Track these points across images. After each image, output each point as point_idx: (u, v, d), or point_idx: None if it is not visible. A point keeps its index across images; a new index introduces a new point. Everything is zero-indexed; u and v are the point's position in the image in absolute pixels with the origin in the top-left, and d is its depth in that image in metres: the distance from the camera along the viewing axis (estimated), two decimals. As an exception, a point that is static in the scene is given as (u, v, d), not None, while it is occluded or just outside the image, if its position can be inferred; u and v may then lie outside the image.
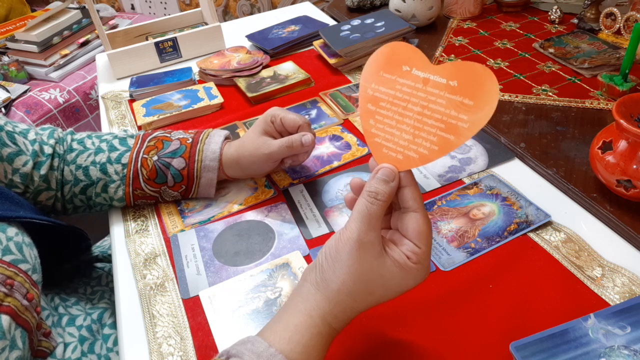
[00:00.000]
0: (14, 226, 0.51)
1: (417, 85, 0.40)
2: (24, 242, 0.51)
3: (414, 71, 0.40)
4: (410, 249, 0.38)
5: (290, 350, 0.37)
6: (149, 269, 0.58)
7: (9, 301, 0.45)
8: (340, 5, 1.27)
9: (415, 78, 0.40)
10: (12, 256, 0.48)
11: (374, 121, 0.41)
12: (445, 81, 0.39)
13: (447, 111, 0.38)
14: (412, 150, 0.39)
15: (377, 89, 0.41)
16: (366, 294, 0.39)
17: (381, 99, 0.41)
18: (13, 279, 0.46)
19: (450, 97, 0.38)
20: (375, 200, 0.38)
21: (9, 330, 0.43)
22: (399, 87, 0.41)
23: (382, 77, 0.42)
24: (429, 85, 0.39)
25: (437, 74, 0.39)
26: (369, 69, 0.42)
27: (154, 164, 0.63)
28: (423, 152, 0.39)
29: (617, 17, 0.90)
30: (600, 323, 0.44)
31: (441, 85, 0.39)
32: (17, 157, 0.59)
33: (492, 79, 0.37)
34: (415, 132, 0.39)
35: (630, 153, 0.54)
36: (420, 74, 0.40)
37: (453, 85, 0.38)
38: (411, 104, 0.40)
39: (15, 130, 0.61)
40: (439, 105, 0.39)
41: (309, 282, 0.40)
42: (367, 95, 0.42)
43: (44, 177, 0.62)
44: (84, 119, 1.73)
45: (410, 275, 0.39)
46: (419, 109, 0.40)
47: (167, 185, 0.64)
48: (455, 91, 0.38)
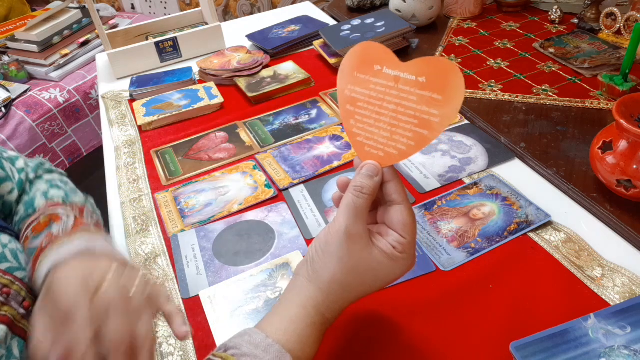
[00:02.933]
0: (7, 234, 0.50)
1: (389, 84, 0.41)
2: (18, 249, 0.49)
3: (385, 70, 0.41)
4: (396, 239, 0.40)
5: (287, 341, 0.38)
6: (149, 269, 0.58)
7: (5, 310, 0.44)
8: (341, 5, 1.27)
9: (387, 77, 0.41)
10: (7, 264, 0.47)
11: (355, 121, 0.42)
12: (414, 78, 0.40)
13: (418, 107, 0.40)
14: (391, 147, 0.41)
15: (354, 90, 0.43)
16: (357, 284, 0.41)
17: (358, 99, 0.42)
18: (9, 287, 0.45)
19: (420, 93, 0.40)
20: (361, 194, 0.40)
21: (5, 340, 0.43)
22: (373, 87, 0.42)
23: (357, 77, 0.43)
24: (400, 83, 0.41)
25: (406, 72, 0.40)
26: (344, 70, 0.43)
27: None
28: (401, 148, 0.40)
29: (618, 17, 0.90)
30: (600, 323, 0.44)
31: (411, 82, 0.40)
32: (4, 183, 0.55)
33: (457, 72, 0.38)
34: (392, 129, 0.41)
35: (630, 153, 0.54)
36: (391, 72, 0.41)
37: (422, 82, 0.39)
38: (386, 102, 0.41)
39: (3, 155, 0.57)
40: (411, 102, 0.40)
41: (302, 276, 0.42)
42: (345, 96, 0.43)
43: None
44: (84, 119, 1.73)
45: (397, 265, 0.40)
46: (393, 106, 0.41)
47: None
48: (425, 87, 0.39)
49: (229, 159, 0.75)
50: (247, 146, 0.78)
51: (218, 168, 0.74)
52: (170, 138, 0.82)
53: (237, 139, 0.80)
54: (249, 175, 0.71)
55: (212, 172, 0.73)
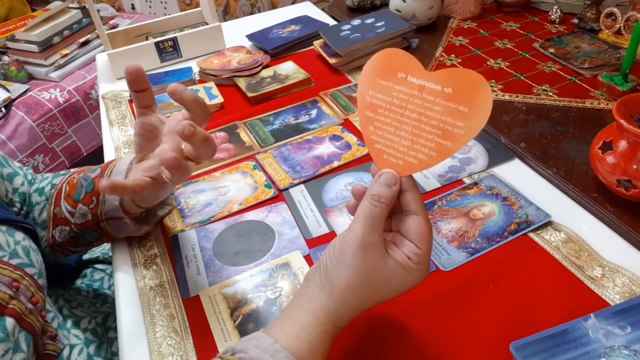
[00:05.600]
0: (21, 231, 0.51)
1: (413, 92, 0.40)
2: (31, 247, 0.51)
3: (409, 78, 0.41)
4: (411, 249, 0.39)
5: (297, 348, 0.38)
6: (149, 269, 0.58)
7: (13, 304, 0.45)
8: (341, 5, 1.27)
9: (411, 85, 0.41)
10: (18, 260, 0.48)
11: (374, 128, 0.42)
12: (440, 88, 0.39)
13: (443, 118, 0.39)
14: (412, 156, 0.40)
15: (375, 96, 0.42)
16: (370, 294, 0.40)
17: (379, 106, 0.42)
18: (19, 282, 0.46)
19: (446, 104, 0.39)
20: (378, 203, 0.39)
21: (12, 333, 0.43)
22: (395, 94, 0.41)
23: (379, 83, 0.42)
24: (424, 92, 0.40)
25: (432, 81, 0.40)
26: (366, 75, 0.43)
27: (77, 181, 0.58)
28: (422, 158, 0.40)
29: (618, 17, 0.90)
30: (601, 323, 0.44)
31: (436, 92, 0.39)
32: (16, 177, 0.60)
33: (485, 86, 0.38)
34: (414, 138, 0.40)
35: (630, 153, 0.54)
36: (416, 80, 0.40)
37: (448, 92, 0.39)
38: (408, 111, 0.40)
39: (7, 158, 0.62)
40: (435, 112, 0.39)
41: (314, 283, 0.41)
42: (365, 102, 0.42)
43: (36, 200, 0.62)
44: (84, 119, 1.73)
45: (411, 275, 0.40)
46: (416, 115, 0.40)
47: (81, 201, 0.56)
48: (450, 98, 0.39)
49: (229, 159, 0.75)
50: (247, 146, 0.78)
51: (218, 168, 0.74)
52: (170, 138, 0.82)
53: (237, 139, 0.80)
54: (249, 175, 0.71)
55: (212, 172, 0.73)
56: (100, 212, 0.56)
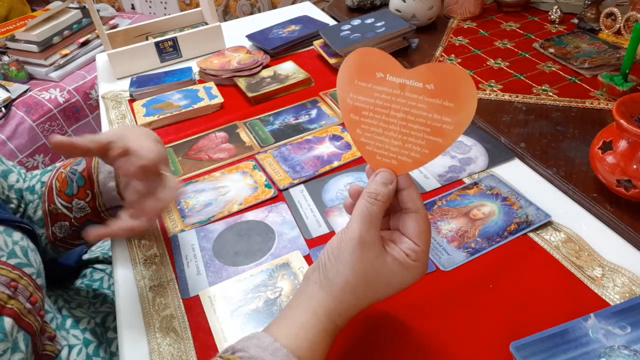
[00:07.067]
0: (19, 231, 0.51)
1: (394, 92, 0.40)
2: (29, 247, 0.51)
3: (388, 77, 0.40)
4: (409, 247, 0.40)
5: (297, 347, 0.38)
6: (148, 269, 0.58)
7: (12, 304, 0.45)
8: (341, 5, 1.27)
9: (392, 84, 0.40)
10: (17, 259, 0.48)
11: (361, 130, 0.41)
12: (422, 85, 0.39)
13: (429, 115, 0.39)
14: (404, 155, 0.40)
15: (356, 99, 0.41)
16: (369, 291, 0.40)
17: (363, 108, 0.41)
18: (17, 282, 0.46)
19: (430, 100, 0.39)
20: (375, 201, 0.39)
21: (11, 333, 0.44)
22: (377, 95, 0.40)
23: (358, 85, 0.41)
24: (406, 91, 0.39)
25: (412, 79, 0.39)
26: (343, 78, 0.42)
27: (66, 175, 0.60)
28: (415, 156, 0.40)
29: (618, 17, 0.90)
30: (601, 323, 0.44)
31: (419, 90, 0.39)
32: (10, 174, 0.61)
33: (467, 79, 0.37)
34: (404, 137, 0.40)
35: (630, 153, 0.54)
36: (396, 79, 0.40)
37: (430, 89, 0.38)
38: (393, 111, 0.40)
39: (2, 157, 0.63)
40: (421, 110, 0.39)
41: (313, 282, 0.41)
42: (348, 105, 0.42)
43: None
44: (84, 119, 1.73)
45: (409, 273, 0.40)
46: (401, 115, 0.40)
47: (75, 196, 0.58)
48: (434, 94, 0.38)
49: (229, 159, 0.75)
50: (247, 146, 0.78)
51: (218, 168, 0.74)
52: (170, 138, 0.82)
53: (237, 139, 0.80)
54: (249, 175, 0.71)
55: (212, 172, 0.73)
56: (99, 204, 0.58)
